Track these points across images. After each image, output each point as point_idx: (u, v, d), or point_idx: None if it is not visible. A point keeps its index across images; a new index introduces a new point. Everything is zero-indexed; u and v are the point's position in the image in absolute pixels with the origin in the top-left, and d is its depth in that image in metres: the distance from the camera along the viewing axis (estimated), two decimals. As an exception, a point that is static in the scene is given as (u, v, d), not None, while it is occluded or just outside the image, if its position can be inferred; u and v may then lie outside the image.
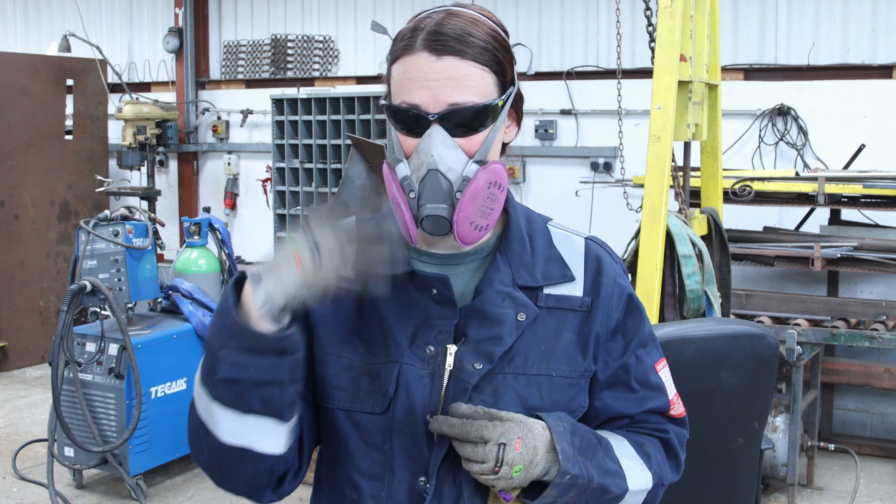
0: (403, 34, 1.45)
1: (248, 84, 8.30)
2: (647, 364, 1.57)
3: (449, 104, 1.39)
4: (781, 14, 6.19)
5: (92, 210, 7.50)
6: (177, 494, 5.04)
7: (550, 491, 1.42)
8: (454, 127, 1.41)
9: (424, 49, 1.40)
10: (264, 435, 1.37)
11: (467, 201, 1.40)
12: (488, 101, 1.42)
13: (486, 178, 1.41)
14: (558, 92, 6.82)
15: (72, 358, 4.69)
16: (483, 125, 1.42)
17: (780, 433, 4.84)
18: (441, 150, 1.40)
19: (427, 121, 1.40)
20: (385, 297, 1.39)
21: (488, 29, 1.44)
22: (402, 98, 1.41)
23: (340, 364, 1.49)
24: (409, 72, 1.41)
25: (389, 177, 1.44)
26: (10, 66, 7.34)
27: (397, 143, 1.45)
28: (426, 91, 1.39)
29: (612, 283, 1.55)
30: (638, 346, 1.57)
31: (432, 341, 1.46)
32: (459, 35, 1.40)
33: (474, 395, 1.44)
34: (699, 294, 4.12)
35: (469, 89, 1.40)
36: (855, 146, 5.83)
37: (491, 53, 1.42)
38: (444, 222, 1.41)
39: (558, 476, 1.41)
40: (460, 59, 1.39)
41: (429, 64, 1.39)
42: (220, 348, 1.32)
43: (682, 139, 4.34)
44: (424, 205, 1.40)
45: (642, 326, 1.58)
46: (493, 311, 1.47)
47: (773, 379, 2.55)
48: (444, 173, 1.40)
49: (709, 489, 2.52)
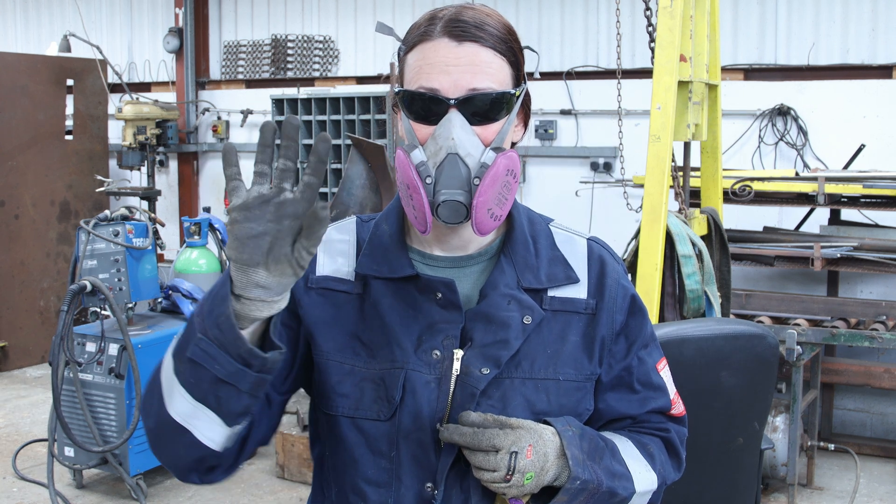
0: (419, 24, 1.45)
1: (248, 84, 8.30)
2: (648, 365, 1.57)
3: (469, 89, 1.39)
4: (781, 14, 6.19)
5: (92, 210, 7.51)
6: (177, 494, 5.04)
7: (561, 497, 1.43)
8: (471, 115, 1.40)
9: (445, 35, 1.40)
10: (206, 427, 1.35)
11: (487, 186, 1.39)
12: (506, 90, 1.42)
13: (504, 165, 1.40)
14: (558, 92, 6.83)
15: (72, 358, 4.69)
16: (499, 115, 1.42)
17: (780, 433, 4.84)
18: (461, 133, 1.38)
19: (445, 106, 1.39)
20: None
21: (503, 22, 1.46)
22: (420, 83, 1.40)
23: (343, 370, 1.47)
24: (428, 57, 1.40)
25: (405, 162, 1.41)
26: (11, 66, 7.34)
27: (410, 132, 1.43)
28: (446, 76, 1.38)
29: (616, 284, 1.54)
30: (640, 348, 1.56)
31: (438, 346, 1.44)
32: (479, 23, 1.41)
33: (482, 401, 1.43)
34: (699, 294, 4.12)
35: (489, 76, 1.40)
36: (855, 146, 5.83)
37: (508, 44, 1.43)
38: (461, 209, 1.39)
39: (569, 482, 1.42)
40: (480, 46, 1.40)
41: (449, 49, 1.39)
42: (200, 331, 1.29)
43: (682, 139, 4.34)
44: (441, 190, 1.38)
45: (645, 328, 1.57)
46: (499, 315, 1.45)
47: (773, 379, 2.56)
48: (462, 158, 1.39)
49: (709, 489, 2.53)
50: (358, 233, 1.56)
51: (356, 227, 1.57)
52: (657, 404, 1.58)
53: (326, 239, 1.55)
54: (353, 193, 5.12)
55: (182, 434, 1.36)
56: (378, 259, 1.50)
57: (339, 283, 1.50)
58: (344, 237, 1.55)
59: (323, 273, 1.52)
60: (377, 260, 1.50)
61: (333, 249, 1.54)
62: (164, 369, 1.37)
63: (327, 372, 1.48)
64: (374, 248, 1.51)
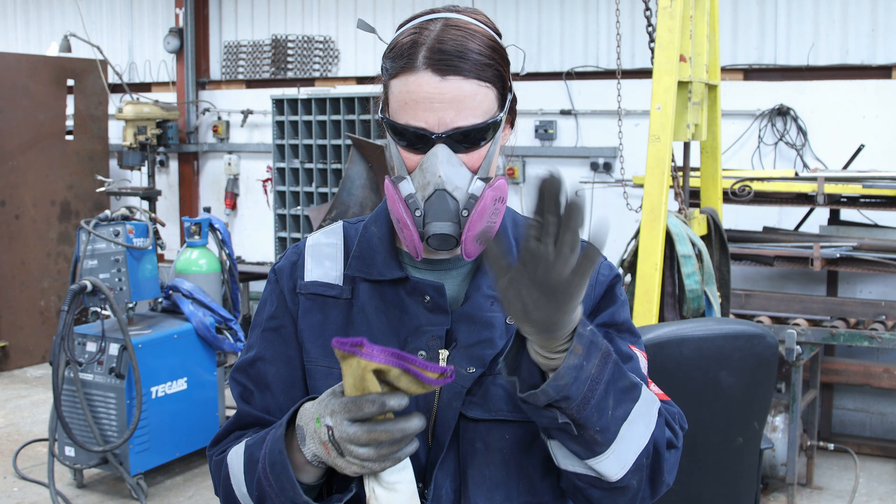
0: (402, 47, 1.42)
1: (248, 84, 8.31)
2: (618, 343, 1.49)
3: (454, 127, 1.40)
4: (781, 14, 6.19)
5: (92, 210, 7.52)
6: (177, 494, 5.05)
7: (575, 346, 1.25)
8: (457, 143, 1.41)
9: (428, 68, 1.39)
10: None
11: (475, 220, 1.41)
12: (490, 119, 1.42)
13: (492, 196, 1.42)
14: (558, 92, 6.83)
15: (72, 358, 4.70)
16: (485, 140, 1.43)
17: (780, 433, 4.84)
18: (447, 169, 1.40)
19: (431, 141, 1.40)
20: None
21: (486, 39, 1.43)
22: (407, 120, 1.41)
23: (332, 375, 1.48)
24: (412, 92, 1.40)
25: (394, 195, 1.43)
26: (11, 66, 7.35)
27: (398, 157, 1.45)
28: (431, 113, 1.39)
29: (595, 272, 1.54)
30: (609, 328, 1.51)
31: (423, 346, 1.46)
32: (461, 51, 1.39)
33: (466, 399, 1.44)
34: (699, 294, 4.12)
35: (473, 110, 1.40)
36: (854, 146, 5.84)
37: (492, 69, 1.42)
38: (451, 240, 1.41)
39: (580, 325, 1.26)
40: (463, 79, 1.39)
41: (433, 84, 1.38)
42: (270, 491, 1.38)
43: (682, 139, 4.34)
44: (431, 223, 1.40)
45: (617, 313, 1.53)
46: (483, 316, 1.47)
47: (773, 379, 2.56)
48: (450, 192, 1.40)
49: (709, 489, 2.53)
50: (345, 236, 1.57)
51: (343, 230, 1.58)
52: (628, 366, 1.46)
53: (314, 243, 1.57)
54: (353, 193, 5.12)
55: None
56: (367, 261, 1.52)
57: (328, 289, 1.52)
58: (331, 241, 1.57)
59: (311, 279, 1.53)
60: (366, 262, 1.51)
61: (321, 254, 1.55)
62: (235, 486, 1.48)
63: (316, 377, 1.50)
64: (363, 250, 1.53)
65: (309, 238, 1.60)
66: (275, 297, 1.56)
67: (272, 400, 1.52)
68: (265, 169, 8.06)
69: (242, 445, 1.46)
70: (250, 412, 1.53)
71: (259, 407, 1.53)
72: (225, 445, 1.54)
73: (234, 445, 1.50)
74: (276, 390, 1.52)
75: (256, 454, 1.41)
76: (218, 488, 1.54)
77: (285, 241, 7.39)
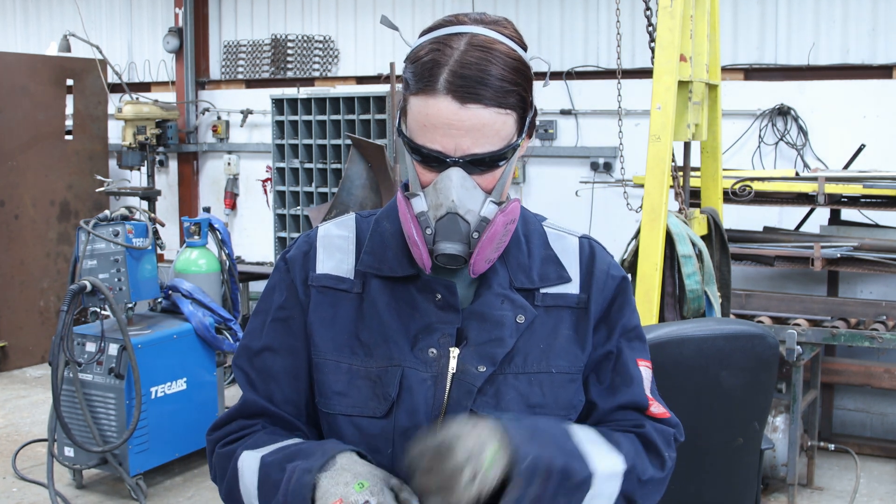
0: (423, 65, 1.39)
1: (248, 84, 8.30)
2: (627, 356, 1.55)
3: (470, 153, 1.39)
4: (781, 14, 6.19)
5: (92, 210, 7.50)
6: (177, 494, 5.04)
7: (515, 481, 1.31)
8: (472, 166, 1.40)
9: (448, 94, 1.37)
10: None
11: (486, 243, 1.42)
12: (508, 145, 1.41)
13: (503, 221, 1.43)
14: (558, 92, 6.82)
15: (72, 358, 4.69)
16: (500, 163, 1.43)
17: (780, 433, 4.84)
18: (461, 193, 1.40)
19: (447, 164, 1.40)
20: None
21: (510, 61, 1.41)
22: (424, 142, 1.40)
23: (340, 369, 1.48)
24: (431, 116, 1.38)
25: (406, 212, 1.43)
26: (11, 66, 7.34)
27: (412, 170, 1.45)
28: (449, 139, 1.38)
29: (605, 274, 1.56)
30: (621, 335, 1.56)
31: (435, 344, 1.46)
32: (482, 78, 1.37)
33: (478, 398, 1.44)
34: (699, 294, 4.12)
35: (490, 138, 1.39)
36: (855, 146, 5.83)
37: (514, 94, 1.40)
38: (460, 259, 1.41)
39: (518, 460, 1.31)
40: (483, 108, 1.37)
41: (452, 111, 1.37)
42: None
43: (682, 139, 4.34)
44: (441, 242, 1.41)
45: (627, 317, 1.57)
46: (493, 314, 1.47)
47: (773, 379, 2.56)
48: (462, 216, 1.40)
49: (709, 489, 2.53)
50: (358, 229, 1.56)
51: (356, 223, 1.58)
52: (628, 398, 1.53)
53: (325, 234, 1.56)
54: (353, 193, 5.12)
55: None
56: (379, 257, 1.51)
57: (339, 282, 1.52)
58: (343, 233, 1.56)
59: (323, 271, 1.53)
60: (378, 258, 1.51)
61: (332, 245, 1.55)
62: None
63: (324, 371, 1.50)
64: (374, 246, 1.52)
65: (320, 228, 1.59)
66: (284, 287, 1.55)
67: (277, 390, 1.52)
68: (265, 169, 8.05)
69: (258, 460, 1.45)
70: (256, 401, 1.53)
71: (263, 396, 1.53)
72: (229, 434, 1.53)
73: (243, 446, 1.49)
74: (282, 381, 1.52)
75: (274, 476, 1.40)
76: (218, 478, 1.52)
77: (285, 241, 7.39)
